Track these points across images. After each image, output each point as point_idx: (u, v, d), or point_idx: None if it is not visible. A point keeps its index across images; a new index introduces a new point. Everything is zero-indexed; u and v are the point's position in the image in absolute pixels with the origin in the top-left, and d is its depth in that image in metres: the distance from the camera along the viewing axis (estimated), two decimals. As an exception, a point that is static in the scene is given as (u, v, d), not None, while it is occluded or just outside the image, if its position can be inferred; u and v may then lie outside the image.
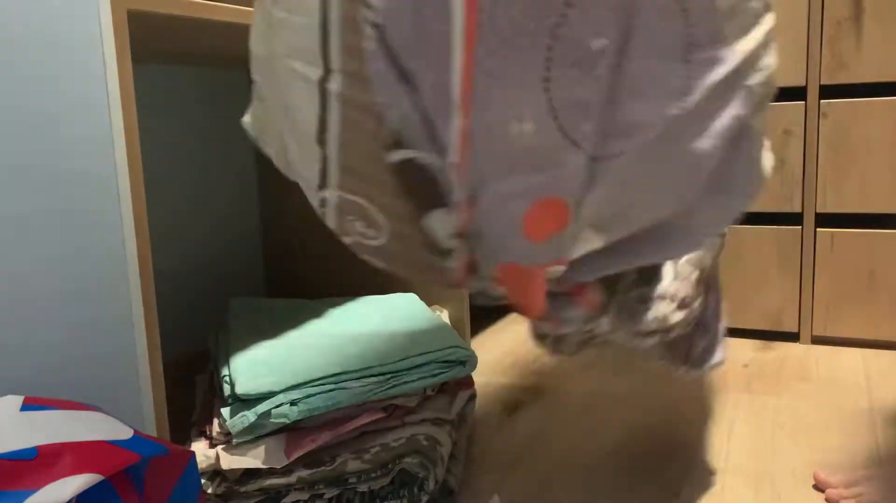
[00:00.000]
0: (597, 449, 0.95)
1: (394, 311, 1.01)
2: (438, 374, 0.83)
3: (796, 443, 0.95)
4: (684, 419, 1.03)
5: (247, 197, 1.31)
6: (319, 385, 0.77)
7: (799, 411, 1.04)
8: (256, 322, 0.97)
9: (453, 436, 0.83)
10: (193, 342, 1.21)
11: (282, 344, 0.88)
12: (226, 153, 1.26)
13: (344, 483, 0.75)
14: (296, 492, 0.74)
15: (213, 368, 0.91)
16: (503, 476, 0.89)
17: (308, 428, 0.77)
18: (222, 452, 0.74)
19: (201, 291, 1.23)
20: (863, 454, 0.91)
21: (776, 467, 0.89)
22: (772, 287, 1.33)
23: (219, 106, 1.24)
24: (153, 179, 1.13)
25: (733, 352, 1.30)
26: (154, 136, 1.13)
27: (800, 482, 0.85)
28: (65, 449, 0.47)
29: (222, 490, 0.73)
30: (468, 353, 0.86)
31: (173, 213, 1.17)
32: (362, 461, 0.75)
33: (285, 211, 1.32)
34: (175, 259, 1.17)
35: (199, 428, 0.82)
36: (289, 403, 0.75)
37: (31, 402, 0.54)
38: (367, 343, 0.87)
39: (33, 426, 0.50)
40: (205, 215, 1.23)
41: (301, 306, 1.05)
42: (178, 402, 1.09)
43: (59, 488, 0.45)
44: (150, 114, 1.12)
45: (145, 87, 1.11)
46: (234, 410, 0.76)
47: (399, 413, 0.81)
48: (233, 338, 0.91)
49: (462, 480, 0.87)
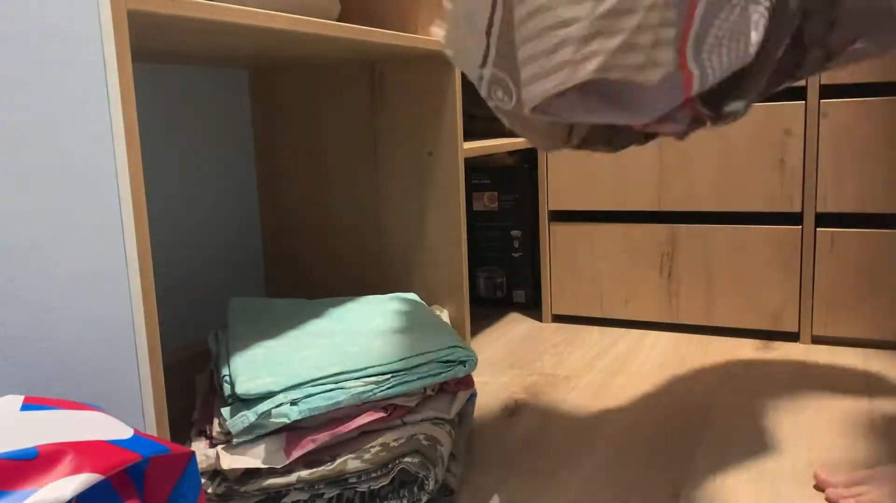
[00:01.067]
0: (596, 448, 0.95)
1: (394, 311, 1.01)
2: (438, 374, 0.83)
3: (796, 443, 0.95)
4: (684, 419, 1.03)
5: (247, 197, 1.31)
6: (319, 385, 0.77)
7: (799, 411, 1.04)
8: (256, 322, 0.97)
9: (453, 436, 0.83)
10: (193, 341, 1.21)
11: (282, 344, 0.88)
12: (226, 153, 1.26)
13: (344, 483, 0.75)
14: (296, 491, 0.74)
15: (213, 368, 0.91)
16: (503, 476, 0.89)
17: (308, 427, 0.77)
18: (222, 452, 0.74)
19: (201, 291, 1.23)
20: (863, 454, 0.91)
21: (776, 467, 0.89)
22: (772, 287, 1.33)
23: (219, 106, 1.24)
24: (153, 179, 1.13)
25: (734, 351, 1.31)
26: (154, 136, 1.13)
27: (800, 482, 0.85)
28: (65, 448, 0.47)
29: (222, 490, 0.73)
30: (468, 353, 0.86)
31: (173, 212, 1.17)
32: (362, 461, 0.75)
33: (285, 211, 1.32)
34: (175, 259, 1.17)
35: (200, 427, 0.82)
36: (289, 403, 0.75)
37: (32, 402, 0.54)
38: (368, 343, 0.87)
39: (33, 426, 0.50)
40: (205, 215, 1.23)
41: (301, 306, 1.05)
42: (179, 402, 1.10)
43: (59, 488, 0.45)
44: (150, 114, 1.12)
45: (145, 86, 1.11)
46: (234, 410, 0.76)
47: (399, 413, 0.81)
48: (233, 337, 0.91)
49: (462, 480, 0.87)
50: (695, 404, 1.09)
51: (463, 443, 0.90)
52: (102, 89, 0.60)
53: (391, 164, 1.21)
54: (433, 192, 1.18)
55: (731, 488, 0.84)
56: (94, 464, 0.47)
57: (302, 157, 1.28)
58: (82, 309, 0.64)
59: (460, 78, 1.16)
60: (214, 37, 0.83)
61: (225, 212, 1.27)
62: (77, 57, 0.60)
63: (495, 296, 1.66)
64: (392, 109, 1.20)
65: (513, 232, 1.61)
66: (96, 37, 0.59)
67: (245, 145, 1.30)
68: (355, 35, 0.90)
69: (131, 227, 0.62)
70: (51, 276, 0.64)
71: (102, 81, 0.60)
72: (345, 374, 0.79)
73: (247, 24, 0.73)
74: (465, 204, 1.17)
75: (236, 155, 1.29)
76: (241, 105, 1.29)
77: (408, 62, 1.17)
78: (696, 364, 1.26)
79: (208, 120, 1.22)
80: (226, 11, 0.70)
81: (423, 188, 1.19)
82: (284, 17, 0.78)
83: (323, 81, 1.25)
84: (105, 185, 0.61)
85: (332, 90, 1.24)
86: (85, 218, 0.62)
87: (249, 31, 0.79)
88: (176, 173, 1.17)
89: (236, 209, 1.29)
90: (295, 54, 1.07)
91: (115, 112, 0.60)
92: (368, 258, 1.26)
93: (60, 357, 0.65)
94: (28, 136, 0.62)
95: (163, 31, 0.76)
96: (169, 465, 0.54)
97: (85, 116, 0.61)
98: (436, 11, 1.13)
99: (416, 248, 1.21)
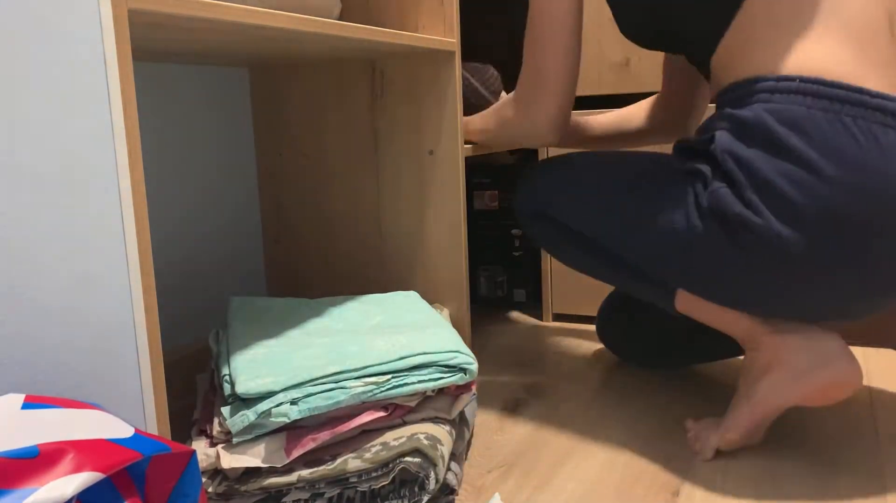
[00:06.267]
0: (597, 448, 0.96)
1: (395, 309, 1.01)
2: (438, 380, 0.82)
3: (797, 442, 0.95)
4: (684, 417, 1.03)
5: (247, 196, 1.31)
6: (319, 384, 0.77)
7: (799, 409, 1.04)
8: (257, 321, 0.97)
9: (454, 435, 0.83)
10: (193, 341, 1.21)
11: (282, 343, 0.88)
12: (226, 152, 1.26)
13: (344, 482, 0.75)
14: (296, 491, 0.74)
15: (213, 367, 0.91)
16: (503, 475, 0.89)
17: (308, 427, 0.77)
18: (223, 451, 0.74)
19: (201, 291, 1.23)
20: (864, 453, 0.91)
21: (777, 466, 0.89)
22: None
23: (219, 106, 1.24)
24: (153, 178, 1.13)
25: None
26: (154, 136, 1.13)
27: (801, 480, 0.85)
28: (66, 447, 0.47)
29: (223, 489, 0.73)
30: (469, 360, 0.85)
31: (173, 211, 1.17)
32: (363, 460, 0.75)
33: (285, 210, 1.32)
34: (175, 258, 1.17)
35: (200, 426, 0.82)
36: (289, 402, 0.75)
37: (32, 401, 0.54)
38: (368, 342, 0.87)
39: (34, 425, 0.50)
40: (205, 214, 1.23)
41: (301, 305, 1.05)
42: (179, 401, 1.10)
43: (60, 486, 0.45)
44: (150, 113, 1.12)
45: (145, 86, 1.11)
46: (235, 409, 0.76)
47: (400, 412, 0.81)
48: (233, 337, 0.91)
49: (462, 479, 0.87)
50: (694, 403, 1.09)
51: (463, 442, 0.90)
52: (103, 88, 0.60)
53: (392, 163, 1.21)
54: (434, 191, 1.18)
55: (731, 488, 0.84)
56: (94, 462, 0.47)
57: (302, 156, 1.28)
58: (83, 308, 0.64)
59: (461, 77, 1.16)
60: (215, 35, 0.83)
61: (225, 211, 1.27)
62: (77, 56, 0.60)
63: (496, 295, 1.66)
64: (393, 108, 1.20)
65: (513, 231, 1.61)
66: (97, 36, 0.59)
67: (245, 145, 1.30)
68: (356, 34, 0.90)
69: (132, 226, 0.62)
70: (51, 276, 0.64)
71: (103, 80, 0.60)
72: (345, 374, 0.79)
73: (248, 23, 0.73)
74: (465, 203, 1.17)
75: (236, 154, 1.29)
76: (241, 104, 1.29)
77: (409, 61, 1.17)
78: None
79: (208, 119, 1.22)
80: (227, 10, 0.70)
81: (424, 187, 1.19)
82: (286, 17, 0.78)
83: (324, 80, 1.25)
84: (105, 184, 0.61)
85: (332, 89, 1.24)
86: (85, 217, 0.62)
87: (251, 30, 0.78)
88: (176, 172, 1.17)
89: (237, 208, 1.29)
90: (296, 53, 1.07)
91: (116, 111, 0.60)
92: (369, 257, 1.26)
93: (61, 356, 0.65)
94: (28, 136, 0.62)
95: (163, 30, 0.76)
96: (170, 464, 0.54)
97: (85, 115, 0.61)
98: (436, 10, 1.13)
99: (416, 246, 1.21)
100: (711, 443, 0.91)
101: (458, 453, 0.86)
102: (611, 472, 0.89)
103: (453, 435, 0.83)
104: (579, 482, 0.87)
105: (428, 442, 0.77)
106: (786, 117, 0.79)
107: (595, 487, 0.85)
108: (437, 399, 0.84)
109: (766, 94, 0.81)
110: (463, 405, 0.86)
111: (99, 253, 0.62)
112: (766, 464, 0.89)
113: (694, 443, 0.94)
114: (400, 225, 1.22)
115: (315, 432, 0.76)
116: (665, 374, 1.21)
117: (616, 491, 0.84)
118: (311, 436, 0.75)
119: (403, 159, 1.20)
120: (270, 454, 0.74)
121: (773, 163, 0.79)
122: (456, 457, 0.85)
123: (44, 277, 0.64)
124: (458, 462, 0.85)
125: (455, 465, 0.83)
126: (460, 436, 0.88)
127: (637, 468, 0.90)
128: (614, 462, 0.91)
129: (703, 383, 1.16)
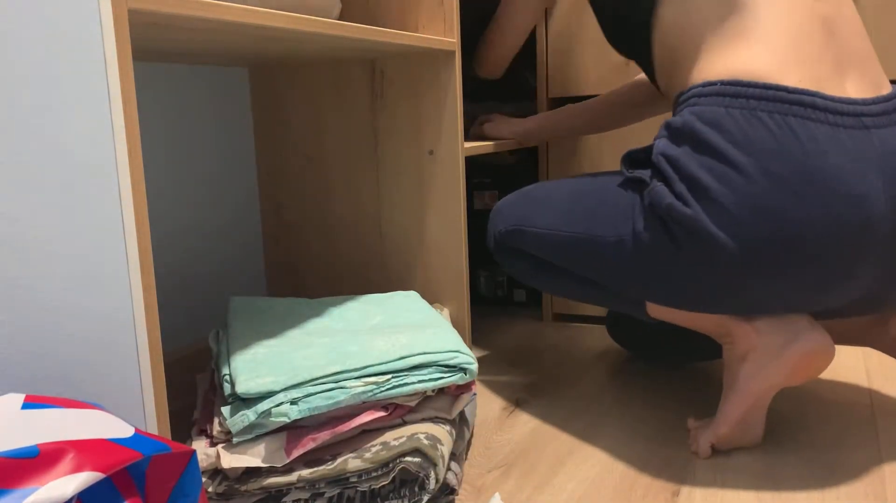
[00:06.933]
0: (597, 448, 0.96)
1: (395, 309, 1.01)
2: (438, 380, 0.82)
3: (797, 442, 0.95)
4: (684, 417, 1.03)
5: (247, 196, 1.31)
6: (319, 384, 0.77)
7: (800, 410, 1.04)
8: (257, 321, 0.97)
9: (454, 435, 0.83)
10: (194, 341, 1.21)
11: (282, 343, 0.88)
12: (226, 152, 1.26)
13: (345, 482, 0.75)
14: (296, 490, 0.74)
15: (213, 367, 0.91)
16: (503, 475, 0.89)
17: (308, 427, 0.77)
18: (223, 451, 0.74)
19: (201, 290, 1.23)
20: (864, 453, 0.91)
21: (777, 467, 0.89)
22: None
23: (219, 106, 1.24)
24: (154, 178, 1.13)
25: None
26: (154, 136, 1.13)
27: (801, 480, 0.85)
28: (66, 447, 0.47)
29: (223, 489, 0.73)
30: (469, 361, 0.85)
31: (174, 211, 1.17)
32: (363, 460, 0.75)
33: (285, 210, 1.32)
34: (175, 258, 1.17)
35: (200, 426, 0.82)
36: (289, 402, 0.75)
37: (33, 401, 0.54)
38: (368, 341, 0.87)
39: (34, 424, 0.50)
40: (205, 214, 1.23)
41: (301, 305, 1.05)
42: (179, 401, 1.10)
43: (60, 486, 0.45)
44: (150, 113, 1.12)
45: (145, 86, 1.11)
46: (235, 409, 0.76)
47: (400, 412, 0.81)
48: (233, 337, 0.91)
49: (462, 479, 0.87)
50: (695, 403, 1.09)
51: (463, 442, 0.90)
52: (103, 88, 0.60)
53: (392, 163, 1.21)
54: (434, 191, 1.18)
55: (731, 486, 0.84)
56: (95, 462, 0.47)
57: (302, 156, 1.28)
58: (83, 307, 0.64)
59: (461, 76, 1.16)
60: (215, 35, 0.83)
61: (225, 211, 1.27)
62: (78, 56, 0.60)
63: (496, 294, 1.66)
64: (393, 108, 1.20)
65: (513, 231, 1.61)
66: (97, 36, 0.59)
67: (245, 145, 1.30)
68: (356, 34, 0.90)
69: (132, 226, 0.62)
70: (51, 275, 0.64)
71: (103, 80, 0.60)
72: (345, 374, 0.79)
73: (248, 22, 0.73)
74: (465, 203, 1.17)
75: (236, 154, 1.29)
76: (241, 104, 1.29)
77: (409, 60, 1.17)
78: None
79: (208, 119, 1.22)
80: (227, 10, 0.70)
81: (424, 187, 1.19)
82: (286, 16, 0.78)
83: (324, 80, 1.25)
84: (106, 183, 0.61)
85: (332, 89, 1.24)
86: (86, 216, 0.62)
87: (251, 30, 0.78)
88: (176, 172, 1.17)
89: (237, 208, 1.29)
90: (296, 53, 1.07)
91: (116, 111, 0.60)
92: (369, 257, 1.26)
93: (61, 355, 0.65)
94: (29, 135, 0.62)
95: (164, 30, 0.76)
96: (170, 464, 0.54)
97: (85, 115, 0.61)
98: (436, 10, 1.13)
99: (416, 246, 1.21)
100: (705, 441, 0.92)
101: (458, 453, 0.86)
102: (611, 472, 0.89)
103: (453, 435, 0.83)
104: (579, 482, 0.87)
105: (428, 442, 0.77)
106: (708, 118, 0.85)
107: (595, 487, 0.85)
108: (438, 399, 0.84)
109: (694, 98, 0.88)
110: (463, 405, 0.86)
111: (99, 252, 0.62)
112: (766, 464, 0.89)
113: (693, 442, 0.94)
114: (400, 225, 1.22)
115: (315, 432, 0.76)
116: (665, 375, 1.21)
117: (616, 491, 0.84)
118: (311, 435, 0.75)
119: (403, 159, 1.20)
120: (270, 454, 0.74)
121: (697, 158, 0.84)
122: (456, 456, 0.85)
123: (44, 276, 0.64)
124: (458, 462, 0.85)
125: (455, 465, 0.83)
126: (460, 436, 0.88)
127: (637, 468, 0.90)
128: (614, 462, 0.91)
129: (703, 383, 1.16)
